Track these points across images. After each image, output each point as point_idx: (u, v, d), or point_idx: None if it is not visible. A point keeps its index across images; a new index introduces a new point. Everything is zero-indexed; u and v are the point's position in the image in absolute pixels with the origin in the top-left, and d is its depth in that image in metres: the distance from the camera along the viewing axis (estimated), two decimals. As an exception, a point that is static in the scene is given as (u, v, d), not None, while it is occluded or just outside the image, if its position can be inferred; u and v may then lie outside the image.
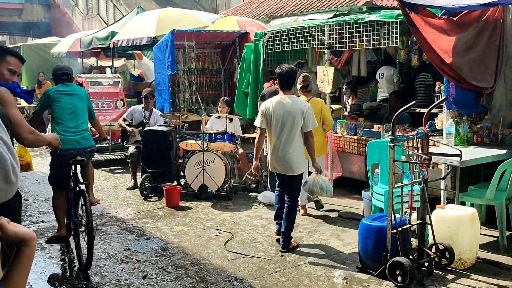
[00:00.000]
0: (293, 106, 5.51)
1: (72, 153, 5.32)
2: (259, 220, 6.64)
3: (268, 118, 5.58)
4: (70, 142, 5.36)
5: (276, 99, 5.64)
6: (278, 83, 5.84)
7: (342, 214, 6.80)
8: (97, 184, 8.87)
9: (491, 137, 6.18)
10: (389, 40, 6.65)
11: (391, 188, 4.60)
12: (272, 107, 5.56)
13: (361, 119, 8.12)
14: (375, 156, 5.99)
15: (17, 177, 1.34)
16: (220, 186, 7.65)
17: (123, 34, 11.95)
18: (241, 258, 5.30)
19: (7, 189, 1.31)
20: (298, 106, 5.53)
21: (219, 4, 22.62)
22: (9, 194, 1.33)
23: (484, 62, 5.88)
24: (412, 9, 5.55)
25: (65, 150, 5.21)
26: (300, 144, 5.59)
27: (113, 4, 23.59)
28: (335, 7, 11.09)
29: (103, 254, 5.48)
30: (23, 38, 29.51)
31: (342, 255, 5.33)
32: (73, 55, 15.74)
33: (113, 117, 10.47)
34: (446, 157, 5.08)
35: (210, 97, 11.12)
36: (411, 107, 4.86)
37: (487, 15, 5.87)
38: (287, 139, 5.51)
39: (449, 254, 4.78)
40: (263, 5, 14.11)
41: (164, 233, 6.12)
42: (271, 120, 5.56)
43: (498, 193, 5.33)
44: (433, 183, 5.70)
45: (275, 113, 5.53)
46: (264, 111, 5.62)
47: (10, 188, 1.32)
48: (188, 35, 9.97)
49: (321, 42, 7.55)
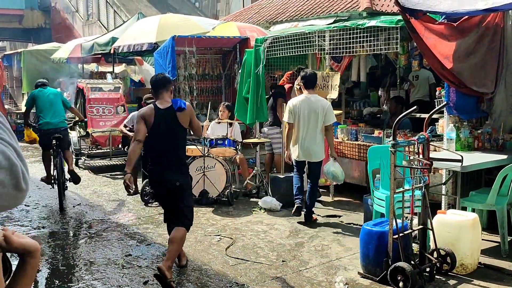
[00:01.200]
0: (316, 103, 6.55)
1: (51, 131, 7.86)
2: (260, 225, 6.63)
3: (295, 114, 6.58)
4: (50, 124, 7.96)
5: (301, 97, 6.65)
6: (302, 83, 6.72)
7: (343, 219, 6.80)
8: (98, 189, 8.88)
9: (492, 142, 6.17)
10: (389, 45, 6.66)
11: (392, 193, 4.60)
12: (299, 105, 6.57)
13: (362, 125, 8.11)
14: (376, 161, 5.99)
15: (27, 184, 1.33)
16: (221, 192, 7.65)
17: (123, 40, 11.97)
18: (242, 263, 5.29)
19: (18, 196, 1.31)
20: (320, 103, 6.57)
21: (220, 10, 22.67)
22: (19, 201, 1.33)
23: (485, 67, 5.90)
24: (412, 15, 5.56)
25: (46, 130, 7.93)
26: (321, 136, 6.62)
27: (113, 10, 23.62)
28: (336, 13, 11.12)
29: (104, 260, 5.47)
30: (24, 44, 29.57)
31: (344, 261, 5.33)
32: (73, 60, 15.75)
33: (114, 122, 10.46)
34: (447, 162, 5.08)
35: (211, 102, 11.12)
36: (412, 112, 4.86)
37: (488, 21, 5.89)
38: (312, 132, 6.55)
39: (450, 260, 4.77)
40: (264, 11, 14.14)
41: (165, 239, 6.10)
42: (298, 116, 6.57)
43: (499, 198, 5.33)
44: (434, 188, 5.70)
45: (302, 110, 6.54)
46: (291, 108, 6.60)
47: (21, 195, 1.31)
48: (189, 41, 9.99)
49: (322, 48, 7.57)
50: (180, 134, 4.97)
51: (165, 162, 4.91)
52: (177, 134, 4.94)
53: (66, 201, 7.94)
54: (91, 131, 10.31)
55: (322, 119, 6.52)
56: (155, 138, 4.89)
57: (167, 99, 4.94)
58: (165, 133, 4.86)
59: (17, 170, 1.29)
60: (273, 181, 7.69)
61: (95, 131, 10.31)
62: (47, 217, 7.18)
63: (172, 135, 4.89)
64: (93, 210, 7.55)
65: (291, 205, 7.41)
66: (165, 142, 4.87)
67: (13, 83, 18.92)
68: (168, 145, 4.90)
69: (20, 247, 1.43)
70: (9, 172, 1.27)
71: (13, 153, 1.30)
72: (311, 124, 6.54)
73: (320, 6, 12.09)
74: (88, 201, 8.09)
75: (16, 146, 1.32)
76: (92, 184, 9.38)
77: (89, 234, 6.41)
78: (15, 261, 1.46)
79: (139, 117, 4.89)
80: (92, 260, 5.49)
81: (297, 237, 6.10)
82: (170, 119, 4.85)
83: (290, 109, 6.64)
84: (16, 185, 1.29)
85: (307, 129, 6.56)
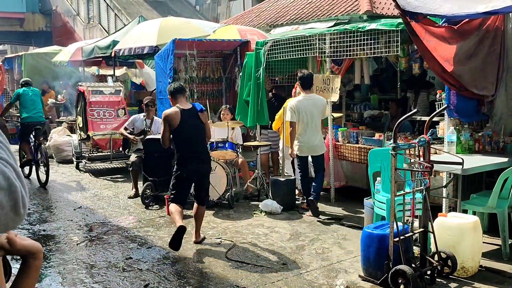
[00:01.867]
0: (316, 101, 7.15)
1: (33, 124, 9.73)
2: (260, 228, 6.63)
3: (298, 113, 7.04)
4: (32, 118, 9.77)
5: (301, 97, 7.15)
6: (300, 84, 7.23)
7: (344, 222, 6.79)
8: (99, 192, 8.88)
9: (493, 145, 6.17)
10: (390, 48, 6.67)
11: (393, 196, 4.59)
12: (300, 104, 7.06)
13: (363, 127, 8.12)
14: (376, 164, 5.99)
15: (25, 209, 1.27)
16: (222, 195, 7.64)
17: (124, 43, 11.99)
18: (243, 266, 5.29)
19: (15, 219, 1.25)
20: (320, 101, 7.20)
21: (220, 13, 22.70)
22: (17, 224, 1.27)
23: (485, 70, 5.90)
24: (412, 18, 5.56)
25: (29, 122, 9.78)
26: (320, 131, 7.26)
27: (114, 13, 23.67)
28: (336, 16, 11.15)
29: (105, 263, 5.47)
30: (25, 47, 29.62)
31: (344, 264, 5.32)
32: (74, 64, 15.78)
33: (115, 125, 10.47)
34: (447, 165, 5.09)
35: (211, 105, 11.12)
36: (413, 115, 4.86)
37: (488, 24, 5.89)
38: (315, 128, 7.11)
39: (451, 263, 4.77)
40: (264, 14, 14.16)
41: (166, 242, 6.11)
42: (300, 115, 7.04)
43: (500, 201, 5.32)
44: (435, 191, 5.70)
45: (303, 109, 7.04)
46: (294, 108, 7.05)
47: (18, 219, 1.26)
48: (190, 44, 9.99)
49: (322, 51, 7.57)
50: (203, 130, 5.96)
51: (199, 151, 5.95)
52: (202, 129, 5.95)
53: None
54: (91, 134, 10.32)
55: (322, 115, 7.21)
56: (184, 132, 5.82)
57: (185, 102, 5.96)
58: (192, 127, 5.83)
59: (16, 191, 1.24)
60: (273, 184, 7.69)
61: (96, 134, 10.32)
62: (47, 221, 7.18)
63: (198, 129, 5.90)
64: (93, 213, 7.55)
65: (291, 208, 7.44)
66: (194, 135, 5.87)
67: (14, 86, 18.96)
68: (196, 137, 5.91)
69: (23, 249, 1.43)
70: (8, 192, 1.22)
71: (12, 174, 1.25)
72: (313, 121, 7.07)
73: (320, 9, 12.12)
74: (88, 204, 8.09)
75: (16, 167, 1.28)
76: (93, 187, 9.38)
77: (89, 237, 6.41)
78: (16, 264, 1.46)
79: (164, 120, 5.77)
80: (92, 263, 5.49)
81: (298, 240, 6.10)
82: (194, 117, 5.87)
83: (293, 108, 7.06)
84: (14, 207, 1.24)
85: (310, 126, 7.04)
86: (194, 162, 5.86)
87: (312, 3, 12.84)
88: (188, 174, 5.86)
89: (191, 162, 5.85)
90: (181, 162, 5.86)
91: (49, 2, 29.55)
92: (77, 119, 11.20)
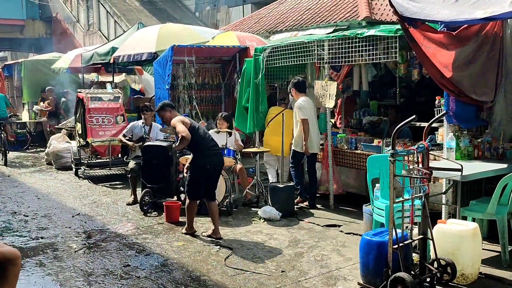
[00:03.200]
0: (311, 103, 7.81)
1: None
2: (259, 235, 6.60)
3: (308, 111, 7.65)
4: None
5: (303, 99, 7.75)
6: (296, 89, 7.82)
7: (343, 229, 6.76)
8: (97, 199, 8.85)
9: (492, 151, 6.15)
10: (388, 54, 6.66)
11: (392, 203, 4.57)
12: (305, 104, 7.67)
13: (361, 134, 8.12)
14: (375, 170, 5.97)
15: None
16: (220, 201, 7.61)
17: (123, 49, 12.00)
18: (242, 274, 5.26)
19: None
20: (313, 102, 7.87)
21: (220, 19, 22.76)
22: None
23: (484, 76, 5.89)
24: (411, 24, 5.56)
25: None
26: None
27: (114, 20, 23.73)
28: (335, 22, 11.17)
29: (102, 271, 5.44)
30: (25, 54, 29.69)
31: (343, 271, 5.29)
32: (74, 70, 15.79)
33: (114, 132, 10.45)
34: (447, 171, 5.07)
35: (210, 112, 11.12)
36: (412, 121, 4.84)
37: (486, 30, 5.89)
38: (315, 126, 7.80)
39: (451, 270, 4.74)
40: (263, 20, 14.19)
41: (164, 249, 6.09)
42: (307, 114, 7.65)
43: (500, 207, 5.30)
44: (434, 197, 5.67)
45: (308, 108, 7.68)
46: (303, 106, 7.63)
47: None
48: (188, 50, 10.00)
49: (321, 57, 7.57)
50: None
51: (216, 146, 6.57)
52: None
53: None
54: (90, 141, 10.29)
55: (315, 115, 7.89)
56: (200, 129, 6.48)
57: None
58: (204, 129, 6.65)
59: None
60: (272, 190, 7.67)
61: (95, 141, 10.30)
62: (45, 228, 7.15)
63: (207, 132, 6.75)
64: (92, 220, 7.51)
65: (290, 214, 7.41)
66: (206, 133, 6.63)
67: (14, 93, 18.98)
68: (209, 135, 6.66)
69: (0, 255, 1.41)
70: None
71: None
72: (314, 120, 7.78)
73: (319, 15, 12.14)
74: (87, 210, 8.06)
75: None
76: (92, 193, 9.35)
77: (87, 244, 6.38)
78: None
79: (177, 121, 6.34)
80: (90, 271, 5.45)
81: (297, 247, 6.07)
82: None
83: (302, 107, 7.63)
84: None
85: (313, 124, 7.70)
86: (216, 155, 6.49)
87: (311, 9, 12.86)
88: (213, 164, 6.39)
89: (214, 155, 6.44)
90: (203, 156, 6.35)
91: (49, 9, 29.67)
92: (76, 126, 11.19)
